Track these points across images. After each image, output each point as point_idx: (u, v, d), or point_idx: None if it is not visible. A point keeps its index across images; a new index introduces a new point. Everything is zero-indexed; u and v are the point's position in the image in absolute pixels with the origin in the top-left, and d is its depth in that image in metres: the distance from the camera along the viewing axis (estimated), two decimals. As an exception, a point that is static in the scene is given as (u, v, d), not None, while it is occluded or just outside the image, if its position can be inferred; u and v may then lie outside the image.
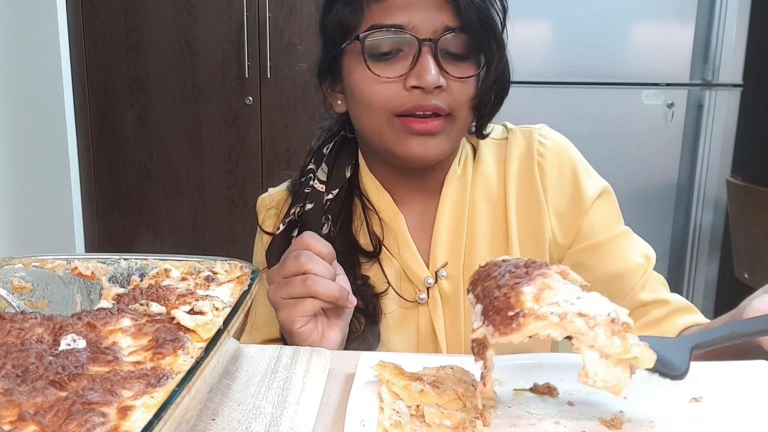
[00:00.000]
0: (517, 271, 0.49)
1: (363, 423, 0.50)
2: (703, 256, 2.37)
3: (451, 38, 0.75)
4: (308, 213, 0.85)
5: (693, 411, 0.53)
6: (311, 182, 0.87)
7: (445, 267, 0.84)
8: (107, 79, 2.36)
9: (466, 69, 0.77)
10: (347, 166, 0.87)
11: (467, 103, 0.78)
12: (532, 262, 0.50)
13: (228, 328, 0.48)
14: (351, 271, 0.82)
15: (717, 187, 2.30)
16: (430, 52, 0.74)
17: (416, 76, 0.74)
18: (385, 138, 0.79)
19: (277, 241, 0.85)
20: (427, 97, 0.75)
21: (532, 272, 0.48)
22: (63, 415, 0.39)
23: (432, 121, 0.76)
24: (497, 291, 0.47)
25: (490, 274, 0.51)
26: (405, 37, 0.75)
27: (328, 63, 0.82)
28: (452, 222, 0.85)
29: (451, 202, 0.85)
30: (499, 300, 0.46)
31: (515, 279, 0.47)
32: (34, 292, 0.61)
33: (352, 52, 0.78)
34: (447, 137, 0.78)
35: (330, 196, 0.85)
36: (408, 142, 0.77)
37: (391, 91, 0.76)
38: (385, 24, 0.75)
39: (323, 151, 0.89)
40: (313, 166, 0.88)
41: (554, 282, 0.47)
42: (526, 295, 0.45)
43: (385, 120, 0.77)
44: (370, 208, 0.86)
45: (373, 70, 0.76)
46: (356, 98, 0.79)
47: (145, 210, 2.46)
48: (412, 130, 0.76)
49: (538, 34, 2.25)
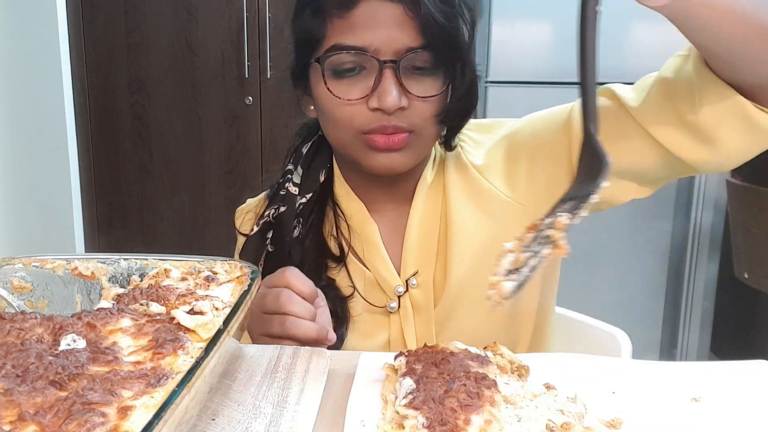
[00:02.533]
0: (468, 384, 0.49)
1: (363, 423, 0.50)
2: (703, 256, 2.36)
3: (418, 57, 0.74)
4: (281, 215, 0.86)
5: (693, 411, 0.53)
6: (286, 185, 0.87)
7: (416, 275, 0.83)
8: (107, 79, 2.36)
9: (430, 86, 0.75)
10: (321, 170, 0.87)
11: (431, 119, 0.77)
12: (483, 377, 0.51)
13: (228, 328, 0.48)
14: (318, 272, 0.83)
15: (717, 187, 2.30)
16: (392, 73, 0.73)
17: (378, 98, 0.74)
18: (351, 152, 0.79)
19: (251, 243, 0.86)
20: (389, 117, 0.74)
21: (483, 392, 0.49)
22: (63, 415, 0.39)
23: (395, 136, 0.75)
24: (446, 399, 0.48)
25: (437, 365, 0.52)
26: (366, 57, 0.74)
27: (298, 70, 0.82)
28: (423, 230, 0.84)
29: (422, 209, 0.84)
30: (447, 414, 0.46)
31: (467, 397, 0.48)
32: (34, 292, 0.61)
33: (317, 69, 0.77)
34: (412, 151, 0.78)
35: (303, 200, 0.86)
36: (373, 156, 0.77)
37: (353, 111, 0.75)
38: (346, 45, 0.74)
39: (302, 151, 0.89)
40: (291, 166, 0.89)
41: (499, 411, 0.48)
42: (473, 426, 0.46)
43: (350, 135, 0.77)
44: (339, 215, 0.86)
45: (334, 92, 0.75)
46: (321, 113, 0.80)
47: (145, 210, 2.46)
48: (376, 146, 0.76)
49: (538, 34, 2.25)
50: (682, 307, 2.38)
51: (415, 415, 0.47)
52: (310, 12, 0.77)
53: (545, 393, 0.54)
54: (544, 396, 0.54)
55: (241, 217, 0.93)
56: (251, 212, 0.92)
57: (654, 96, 0.71)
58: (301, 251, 0.84)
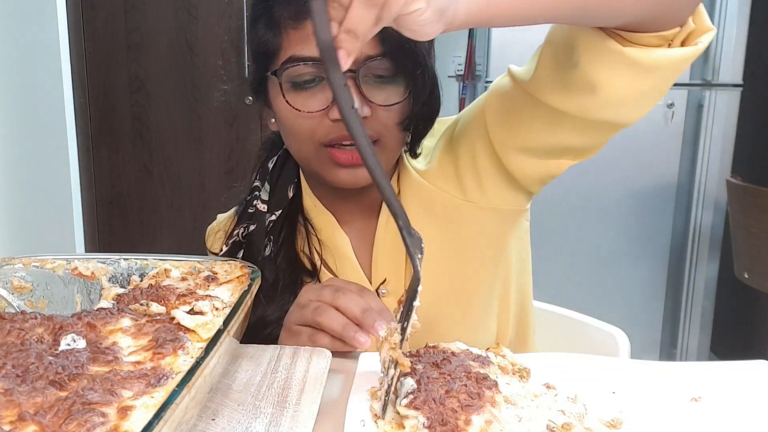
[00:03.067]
0: (469, 384, 0.49)
1: (363, 423, 0.50)
2: (703, 255, 2.36)
3: (377, 65, 0.72)
4: (251, 234, 0.84)
5: (693, 411, 0.53)
6: (254, 202, 0.86)
7: (385, 284, 0.82)
8: (107, 79, 2.36)
9: (392, 94, 0.74)
10: (289, 185, 0.86)
11: (395, 127, 0.75)
12: (484, 377, 0.50)
13: (228, 328, 0.48)
14: (292, 288, 0.81)
15: (717, 187, 2.30)
16: (353, 83, 0.71)
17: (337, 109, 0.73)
18: (314, 166, 0.77)
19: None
20: None
21: (483, 393, 0.49)
22: (63, 415, 0.39)
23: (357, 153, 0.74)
24: (447, 399, 0.48)
25: (438, 365, 0.52)
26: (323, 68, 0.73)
27: (257, 80, 0.80)
28: (392, 239, 0.82)
29: (390, 220, 0.82)
30: (447, 414, 0.46)
31: (467, 397, 0.48)
32: (34, 292, 0.61)
33: (274, 81, 0.75)
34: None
35: (273, 217, 0.84)
36: (336, 171, 0.76)
37: (314, 123, 0.74)
38: (303, 57, 0.72)
39: (268, 166, 0.88)
40: (258, 183, 0.87)
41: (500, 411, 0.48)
42: (474, 426, 0.46)
43: (312, 149, 0.76)
44: (311, 231, 0.85)
45: (293, 105, 0.73)
46: (282, 126, 0.78)
47: (145, 210, 2.46)
48: (339, 163, 0.74)
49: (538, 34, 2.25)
50: (682, 307, 2.38)
51: (416, 415, 0.47)
52: (264, 23, 0.75)
53: (546, 393, 0.54)
54: (544, 396, 0.54)
55: (211, 237, 0.92)
56: (221, 231, 0.90)
57: (541, 62, 0.71)
58: (274, 269, 0.82)
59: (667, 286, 2.40)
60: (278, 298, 0.79)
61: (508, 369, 0.57)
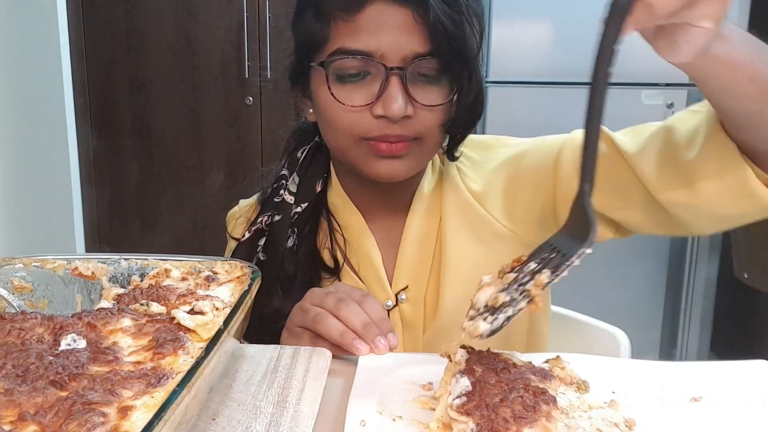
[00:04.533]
0: (526, 396, 0.48)
1: (363, 423, 0.50)
2: (703, 255, 2.36)
3: (426, 64, 0.72)
4: (275, 224, 0.84)
5: (693, 411, 0.53)
6: (281, 191, 0.85)
7: (407, 290, 0.81)
8: (107, 80, 2.36)
9: (436, 94, 0.74)
10: (318, 179, 0.85)
11: (437, 128, 0.75)
12: (542, 392, 0.49)
13: (228, 328, 0.48)
14: (311, 284, 0.81)
15: (717, 187, 2.30)
16: (399, 80, 0.71)
17: (383, 106, 0.72)
18: (351, 158, 0.77)
19: (242, 249, 0.84)
20: (393, 126, 0.72)
21: (540, 407, 0.47)
22: (63, 415, 0.39)
23: (398, 144, 0.74)
24: (501, 408, 0.46)
25: (498, 372, 0.51)
26: (372, 63, 0.72)
27: (299, 70, 0.79)
28: (418, 245, 0.82)
29: (418, 225, 0.83)
30: (498, 423, 0.45)
31: (522, 409, 0.46)
32: (35, 292, 0.61)
33: (319, 71, 0.75)
34: (415, 158, 0.77)
35: (298, 209, 0.84)
36: (374, 163, 0.75)
37: (356, 117, 0.73)
38: (352, 50, 0.71)
39: (297, 156, 0.87)
40: (286, 171, 0.87)
41: (555, 427, 0.46)
42: None
43: (351, 142, 0.75)
44: (336, 229, 0.84)
45: (337, 97, 0.73)
46: (322, 117, 0.77)
47: (145, 210, 2.46)
48: (379, 152, 0.74)
49: (538, 34, 2.25)
50: (681, 306, 2.38)
51: (466, 421, 0.45)
52: (312, 13, 0.75)
53: (603, 407, 0.53)
54: (601, 410, 0.52)
55: (232, 222, 0.91)
56: (243, 217, 0.90)
57: (654, 141, 0.69)
58: (294, 262, 0.82)
59: (667, 285, 2.40)
60: (296, 292, 0.78)
61: (567, 380, 0.55)
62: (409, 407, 0.53)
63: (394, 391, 0.56)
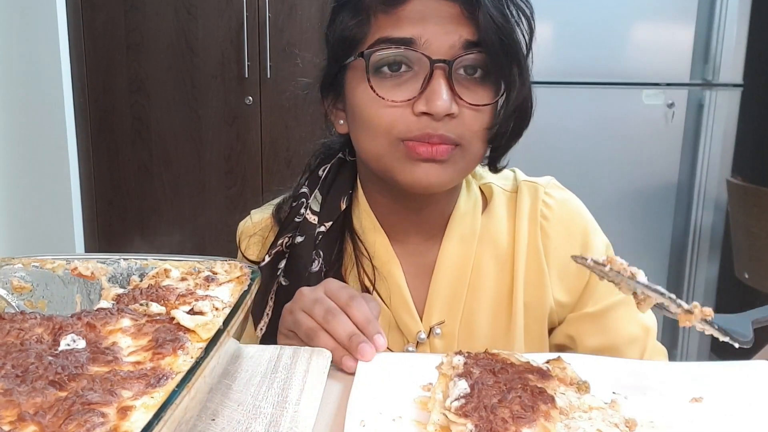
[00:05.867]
0: (524, 396, 0.47)
1: (363, 423, 0.50)
2: (704, 256, 2.36)
3: (468, 59, 0.67)
4: (298, 246, 0.78)
5: (694, 411, 0.53)
6: (302, 210, 0.80)
7: (442, 325, 0.77)
8: (107, 79, 2.36)
9: (483, 94, 0.68)
10: (343, 196, 0.80)
11: (481, 133, 0.69)
12: (540, 391, 0.49)
13: (228, 329, 0.48)
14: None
15: (717, 187, 2.30)
16: (444, 75, 0.66)
17: (426, 102, 0.66)
18: (387, 163, 0.71)
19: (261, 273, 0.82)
20: (435, 125, 0.67)
21: (538, 407, 0.47)
22: (63, 415, 0.39)
23: (440, 146, 0.68)
24: (499, 409, 0.46)
25: (495, 373, 0.51)
26: (415, 54, 0.67)
27: (331, 77, 0.75)
28: (454, 272, 0.78)
29: (456, 250, 0.78)
30: (497, 424, 0.45)
31: (520, 409, 0.46)
32: (34, 292, 0.61)
33: (356, 69, 0.70)
34: (455, 166, 0.70)
35: (322, 228, 0.78)
36: (412, 168, 0.69)
37: (396, 114, 0.68)
38: (394, 37, 0.66)
39: (319, 174, 0.82)
40: (307, 189, 0.82)
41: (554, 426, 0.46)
42: None
43: (387, 144, 0.69)
44: (363, 253, 0.79)
45: (377, 92, 0.68)
46: (358, 119, 0.72)
47: (145, 210, 2.45)
48: (417, 156, 0.68)
49: (538, 33, 2.25)
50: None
51: (464, 423, 0.45)
52: (349, 12, 0.70)
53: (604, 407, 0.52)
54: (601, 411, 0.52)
55: (245, 240, 0.85)
56: (257, 236, 0.84)
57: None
58: None
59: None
60: None
61: (566, 380, 0.55)
62: (409, 407, 0.53)
63: (394, 391, 0.56)
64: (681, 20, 2.25)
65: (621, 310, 0.78)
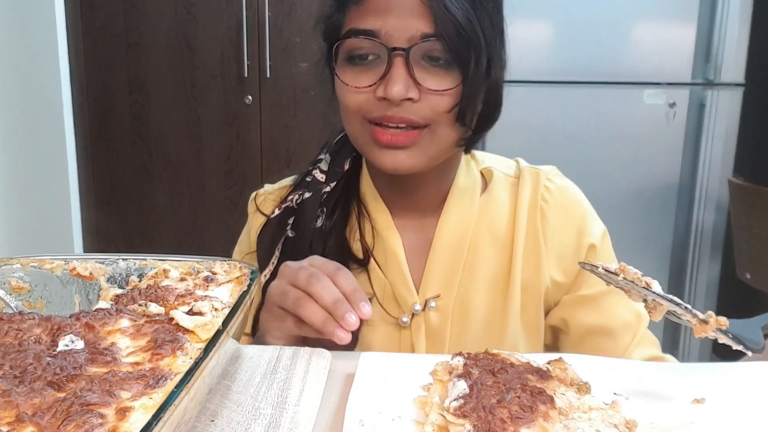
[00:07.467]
0: (523, 396, 0.47)
1: (363, 423, 0.50)
2: (705, 256, 2.36)
3: (429, 46, 0.71)
4: (305, 202, 0.84)
5: (695, 412, 0.53)
6: (313, 171, 0.86)
7: (438, 299, 0.81)
8: (106, 79, 2.36)
9: (444, 80, 0.72)
10: (346, 158, 0.85)
11: (445, 116, 0.73)
12: (540, 391, 0.49)
13: (227, 329, 0.48)
14: None
15: (719, 187, 2.30)
16: (402, 63, 0.71)
17: (384, 87, 0.72)
18: (361, 145, 0.78)
19: (270, 226, 0.85)
20: (394, 109, 0.72)
21: (537, 407, 0.47)
22: (61, 416, 0.39)
23: (400, 135, 0.73)
24: (498, 409, 0.46)
25: (495, 373, 0.51)
26: (376, 44, 0.72)
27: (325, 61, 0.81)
28: (451, 249, 0.81)
29: (453, 227, 0.82)
30: (495, 424, 0.45)
31: (519, 409, 0.46)
32: (32, 293, 0.61)
33: (337, 55, 0.77)
34: (423, 151, 0.75)
35: (327, 188, 0.84)
36: (379, 153, 0.75)
37: (362, 98, 0.74)
38: (360, 29, 0.72)
39: (333, 142, 0.88)
40: (323, 156, 0.88)
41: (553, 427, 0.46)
42: None
43: (359, 126, 0.76)
44: (365, 215, 0.84)
45: (344, 78, 0.74)
46: (338, 101, 0.79)
47: (145, 210, 2.45)
48: (380, 142, 0.74)
49: (538, 33, 2.25)
50: (683, 307, 2.38)
51: (463, 423, 0.45)
52: (331, 2, 0.77)
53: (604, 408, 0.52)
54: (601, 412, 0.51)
55: (260, 198, 0.90)
56: (273, 194, 0.90)
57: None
58: (322, 245, 0.81)
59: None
60: None
61: (567, 381, 0.55)
62: (409, 407, 0.53)
63: (394, 391, 0.55)
64: (682, 19, 2.25)
65: (615, 296, 0.80)
